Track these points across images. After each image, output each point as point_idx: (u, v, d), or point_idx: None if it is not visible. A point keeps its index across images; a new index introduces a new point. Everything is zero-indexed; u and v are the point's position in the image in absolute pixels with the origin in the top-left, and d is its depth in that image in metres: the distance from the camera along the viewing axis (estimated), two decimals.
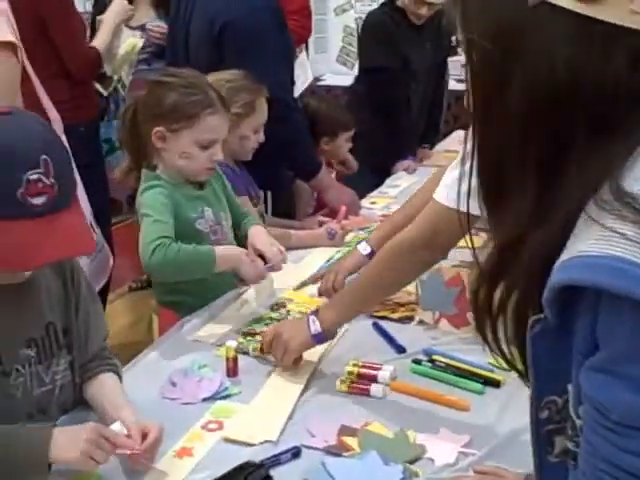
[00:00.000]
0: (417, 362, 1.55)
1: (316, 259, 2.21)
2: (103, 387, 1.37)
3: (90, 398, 1.37)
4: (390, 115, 3.22)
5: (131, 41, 3.21)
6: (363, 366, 1.51)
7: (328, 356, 1.61)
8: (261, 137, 2.23)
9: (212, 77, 2.03)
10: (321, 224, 2.41)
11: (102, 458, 1.16)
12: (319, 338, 1.51)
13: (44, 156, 1.15)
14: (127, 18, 3.03)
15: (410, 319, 1.78)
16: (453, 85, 3.99)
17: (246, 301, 1.89)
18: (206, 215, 1.86)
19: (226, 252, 1.77)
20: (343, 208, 2.41)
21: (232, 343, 1.53)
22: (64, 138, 1.77)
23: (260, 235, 1.90)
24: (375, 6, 3.67)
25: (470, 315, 1.61)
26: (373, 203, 2.81)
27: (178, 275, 1.73)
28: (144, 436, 1.21)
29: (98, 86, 2.99)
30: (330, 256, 2.22)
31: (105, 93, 3.09)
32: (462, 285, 1.64)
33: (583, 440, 0.66)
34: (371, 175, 3.13)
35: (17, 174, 1.13)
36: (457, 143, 3.81)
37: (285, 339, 1.51)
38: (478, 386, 1.45)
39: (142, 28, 3.58)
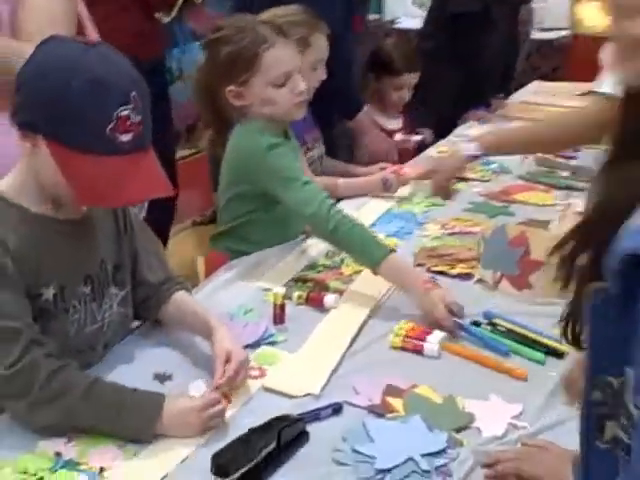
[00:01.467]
0: (476, 324, 1.47)
1: (373, 210, 2.11)
2: (183, 302, 1.39)
3: (170, 317, 1.39)
4: (467, 63, 3.06)
5: None
6: (412, 328, 1.44)
7: (380, 309, 1.55)
8: (321, 74, 2.13)
9: (265, 15, 1.95)
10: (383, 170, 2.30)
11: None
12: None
13: (134, 92, 1.11)
14: None
15: (469, 276, 1.69)
16: (534, 34, 3.81)
17: (304, 250, 1.82)
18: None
19: (406, 277, 1.56)
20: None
21: (280, 290, 1.48)
22: None
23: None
24: None
25: (533, 277, 1.55)
26: (441, 152, 2.69)
27: (341, 247, 1.64)
28: (227, 360, 1.23)
29: (159, 15, 2.92)
30: (388, 208, 2.12)
31: (166, 20, 3.02)
32: (526, 245, 1.54)
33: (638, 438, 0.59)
34: (436, 125, 3.00)
35: (109, 110, 1.08)
36: (533, 94, 3.64)
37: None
38: (539, 355, 1.36)
39: None
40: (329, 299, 1.54)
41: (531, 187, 2.30)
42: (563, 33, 4.99)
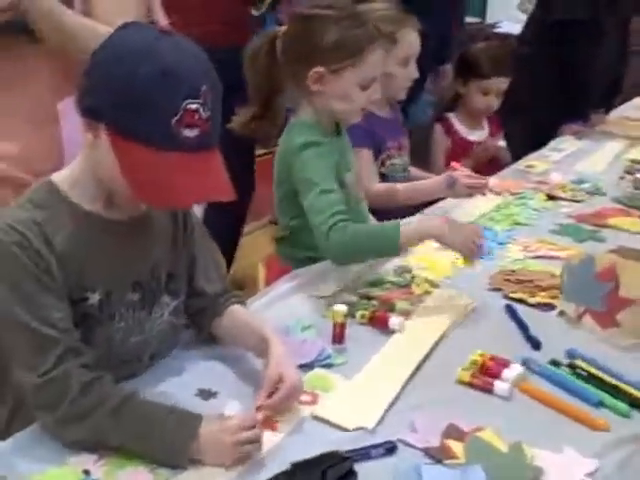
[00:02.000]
0: (555, 364, 1.33)
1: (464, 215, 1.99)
2: (238, 317, 1.31)
3: (224, 331, 1.31)
4: (568, 73, 2.88)
5: None
6: (491, 358, 1.31)
7: (450, 337, 1.43)
8: (413, 72, 2.01)
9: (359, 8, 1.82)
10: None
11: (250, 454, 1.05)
12: None
13: (205, 86, 1.02)
14: None
15: (550, 307, 1.55)
16: None
17: (372, 263, 1.70)
18: (349, 167, 1.70)
19: (421, 225, 1.57)
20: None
21: (341, 307, 1.37)
22: None
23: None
24: None
25: (621, 315, 1.40)
26: (530, 167, 2.54)
27: (358, 258, 1.59)
28: (279, 382, 1.14)
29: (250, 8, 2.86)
30: (482, 212, 1.98)
31: (257, 13, 2.95)
32: (616, 279, 1.39)
33: None
34: (531, 137, 2.83)
35: (176, 101, 1.00)
36: (636, 110, 3.43)
37: None
38: (623, 407, 1.22)
39: None
40: (394, 321, 1.43)
41: (627, 212, 2.13)
42: None
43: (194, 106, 1.01)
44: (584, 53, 2.84)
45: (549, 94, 2.84)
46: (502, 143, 2.79)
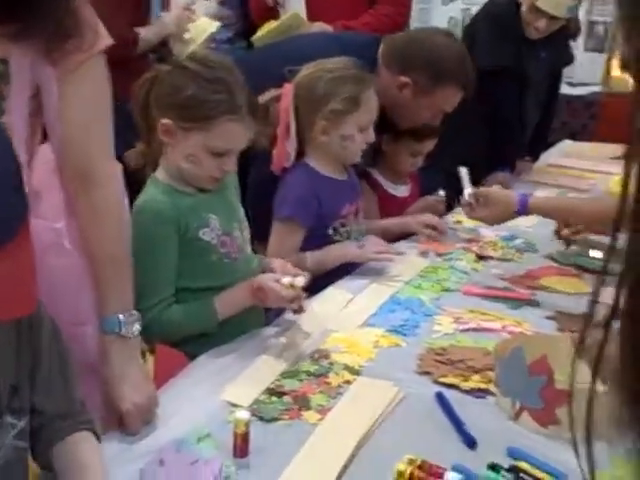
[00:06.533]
0: (494, 468, 1.14)
1: (373, 295, 1.78)
2: (76, 453, 1.05)
3: (59, 467, 1.05)
4: (491, 122, 2.77)
5: (202, 25, 2.88)
6: (420, 466, 1.11)
7: (373, 439, 1.23)
8: (370, 136, 1.88)
9: (314, 66, 1.81)
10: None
11: None
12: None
13: None
14: (182, 30, 2.77)
15: (485, 392, 1.37)
16: (564, 89, 3.53)
17: (283, 347, 1.50)
18: (211, 223, 1.52)
19: (230, 296, 1.51)
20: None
21: (243, 415, 1.15)
22: None
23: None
24: None
25: (561, 411, 1.23)
26: (458, 222, 2.38)
27: (178, 336, 1.50)
28: None
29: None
30: (392, 293, 1.79)
31: None
32: (549, 371, 1.21)
33: None
34: (452, 188, 2.68)
35: None
36: (562, 156, 3.35)
37: None
38: None
39: (222, 3, 3.28)
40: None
41: (560, 270, 1.99)
42: (594, 89, 4.70)
43: None
44: (508, 101, 2.75)
45: (473, 145, 2.71)
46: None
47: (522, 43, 2.75)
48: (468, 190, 2.04)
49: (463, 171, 2.15)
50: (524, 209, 1.92)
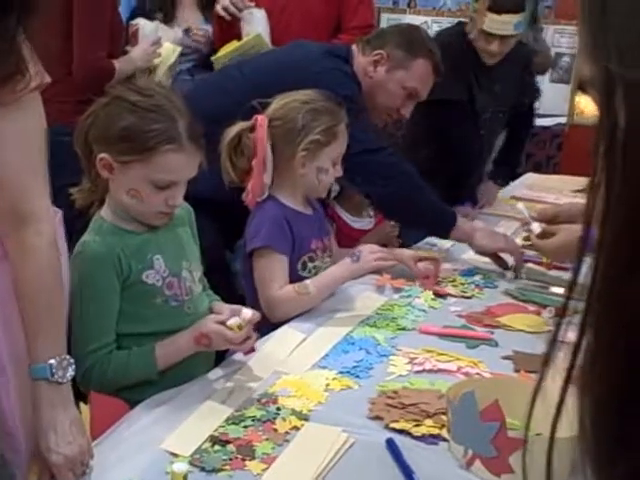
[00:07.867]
0: None
1: (328, 334, 1.73)
2: None
3: None
4: (454, 157, 2.76)
5: (167, 48, 2.90)
6: None
7: None
8: (338, 172, 1.86)
9: (287, 97, 1.79)
10: None
11: None
12: None
13: None
14: (149, 64, 2.80)
15: (438, 439, 1.32)
16: None
17: (230, 390, 1.44)
18: (156, 265, 1.46)
19: (172, 345, 1.45)
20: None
21: (181, 468, 1.10)
22: None
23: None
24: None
25: (514, 459, 1.18)
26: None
27: (117, 384, 1.43)
28: None
29: None
30: (347, 332, 1.73)
31: None
32: (501, 419, 1.17)
33: None
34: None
35: None
36: (525, 188, 3.34)
37: None
38: None
39: (186, 32, 3.27)
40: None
41: (518, 308, 1.95)
42: (559, 120, 4.73)
43: None
44: (460, 133, 2.74)
45: (434, 178, 2.69)
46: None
47: (479, 73, 2.74)
48: (535, 225, 1.99)
49: (521, 207, 2.15)
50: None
